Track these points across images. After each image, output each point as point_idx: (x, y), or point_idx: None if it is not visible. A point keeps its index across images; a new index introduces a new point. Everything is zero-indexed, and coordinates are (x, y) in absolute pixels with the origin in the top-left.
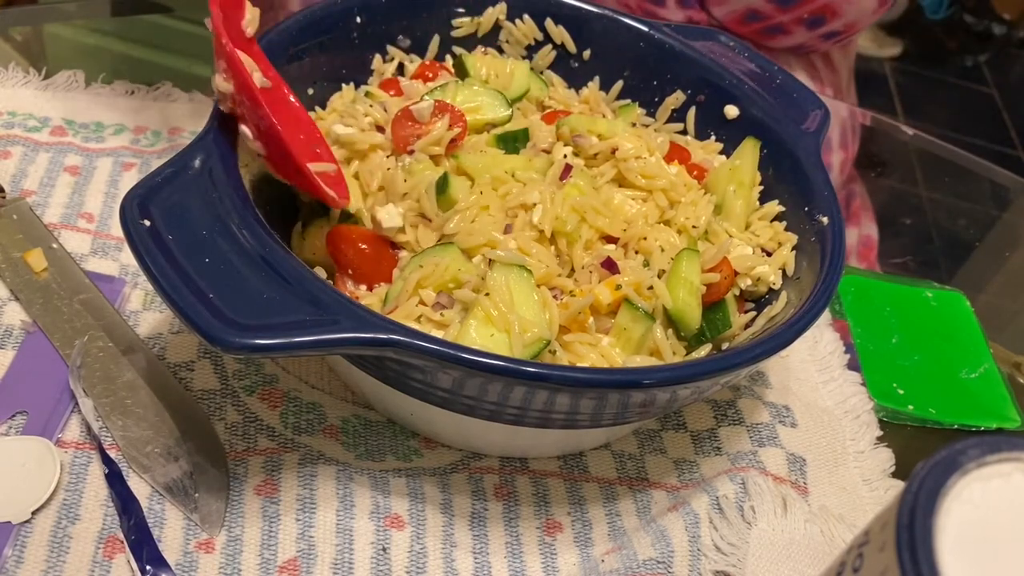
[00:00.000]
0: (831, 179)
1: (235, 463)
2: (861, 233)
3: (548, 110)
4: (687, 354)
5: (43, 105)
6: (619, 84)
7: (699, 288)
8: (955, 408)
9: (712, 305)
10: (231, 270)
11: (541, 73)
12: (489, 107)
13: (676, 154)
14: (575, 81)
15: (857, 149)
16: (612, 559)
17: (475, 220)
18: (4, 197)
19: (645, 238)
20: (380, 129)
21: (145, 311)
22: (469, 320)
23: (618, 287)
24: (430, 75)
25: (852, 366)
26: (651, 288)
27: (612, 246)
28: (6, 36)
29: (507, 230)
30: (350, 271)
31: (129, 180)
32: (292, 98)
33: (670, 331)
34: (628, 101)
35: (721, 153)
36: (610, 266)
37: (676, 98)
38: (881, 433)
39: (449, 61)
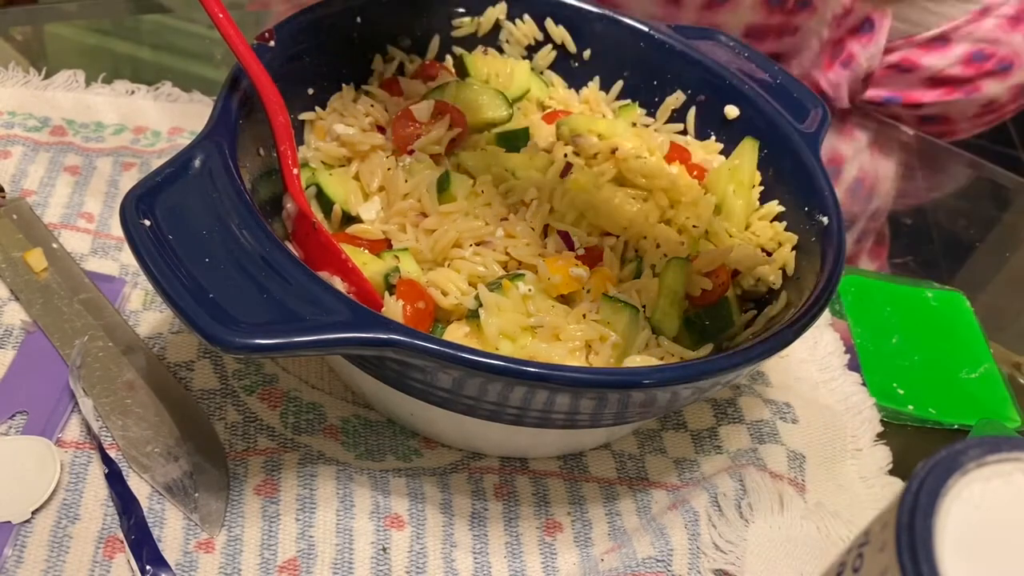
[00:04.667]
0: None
1: (235, 463)
2: (877, 231)
3: (548, 110)
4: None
5: (43, 105)
6: (619, 84)
7: (682, 298)
8: (955, 408)
9: (714, 304)
10: (231, 270)
11: (541, 73)
12: (489, 107)
13: (676, 154)
14: (575, 81)
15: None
16: (612, 558)
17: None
18: (4, 197)
19: (645, 237)
20: (380, 129)
21: (145, 311)
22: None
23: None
24: (430, 75)
25: (852, 366)
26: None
27: (612, 239)
28: (6, 36)
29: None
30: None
31: (129, 180)
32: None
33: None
34: (628, 101)
35: (721, 153)
36: (567, 241)
37: (676, 98)
38: (881, 431)
39: (449, 61)
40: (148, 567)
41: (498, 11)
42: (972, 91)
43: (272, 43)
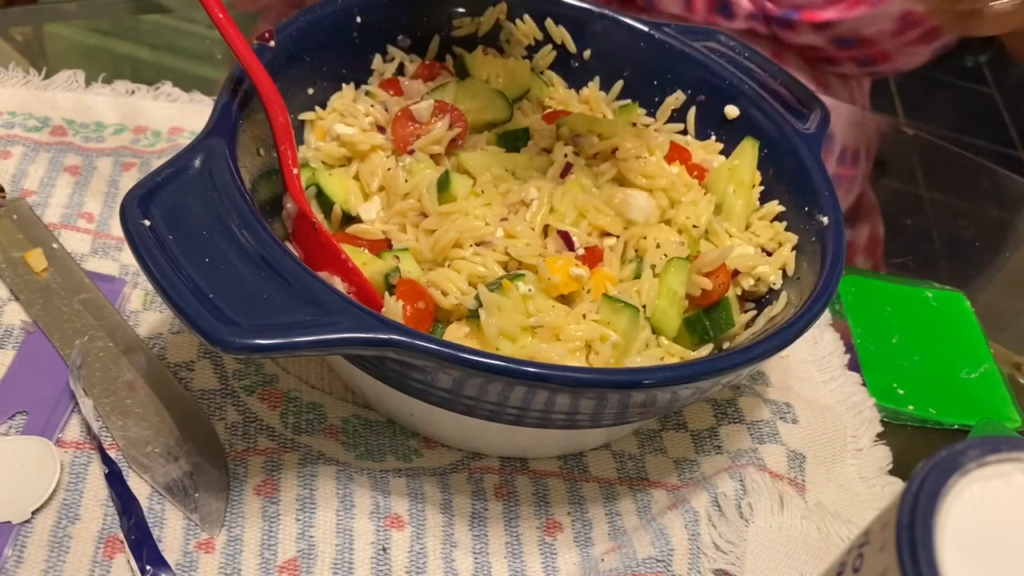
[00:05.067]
0: (839, 197)
1: (235, 463)
2: (870, 230)
3: (548, 110)
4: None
5: (43, 105)
6: (619, 84)
7: (682, 298)
8: (955, 408)
9: (714, 305)
10: (231, 270)
11: (541, 73)
12: (489, 107)
13: (676, 154)
14: (575, 81)
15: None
16: (612, 558)
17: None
18: (4, 197)
19: (645, 237)
20: (381, 129)
21: (145, 311)
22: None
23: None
24: (430, 75)
25: (852, 366)
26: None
27: (612, 239)
28: (6, 36)
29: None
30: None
31: (129, 180)
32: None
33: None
34: (628, 101)
35: (721, 153)
36: (568, 242)
37: (676, 98)
38: (881, 431)
39: (449, 61)
40: (148, 567)
41: (498, 11)
42: (878, 1)
43: (272, 43)
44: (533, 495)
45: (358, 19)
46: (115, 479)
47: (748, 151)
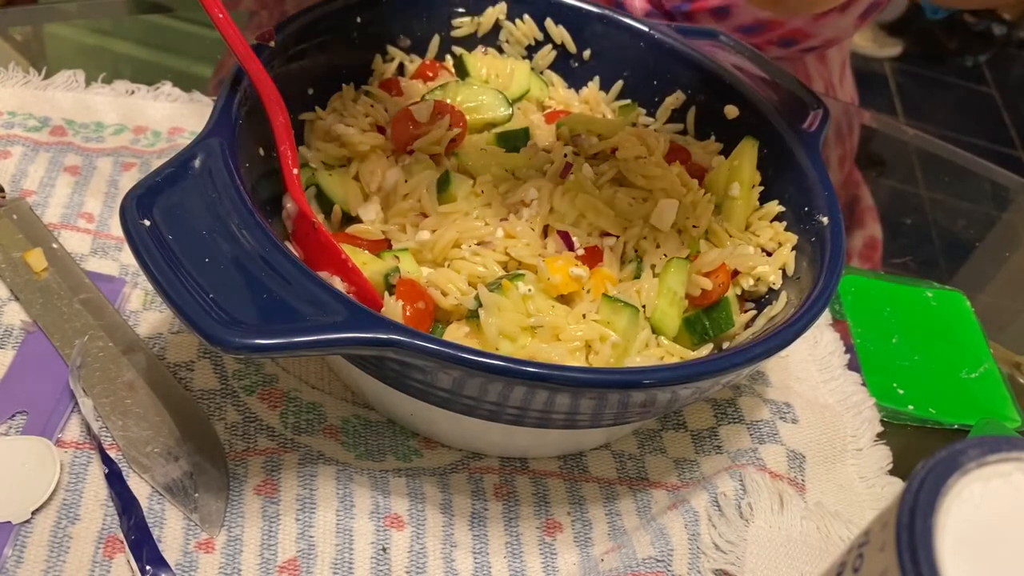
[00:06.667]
0: (829, 176)
1: (235, 463)
2: (865, 235)
3: (548, 110)
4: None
5: (43, 105)
6: (619, 84)
7: (682, 298)
8: (955, 408)
9: (714, 305)
10: (231, 270)
11: (541, 73)
12: (489, 107)
13: (676, 154)
14: (575, 81)
15: (857, 146)
16: (611, 558)
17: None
18: (4, 197)
19: (645, 237)
20: (380, 129)
21: (145, 311)
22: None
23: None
24: (430, 75)
25: (852, 366)
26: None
27: (612, 239)
28: (6, 36)
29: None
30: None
31: (129, 180)
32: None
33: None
34: (628, 101)
35: (721, 153)
36: (567, 242)
37: (676, 98)
38: (881, 431)
39: (449, 61)
40: (148, 567)
41: (498, 11)
42: None
43: (272, 43)
44: (533, 495)
45: (358, 19)
46: (115, 479)
47: (748, 151)
